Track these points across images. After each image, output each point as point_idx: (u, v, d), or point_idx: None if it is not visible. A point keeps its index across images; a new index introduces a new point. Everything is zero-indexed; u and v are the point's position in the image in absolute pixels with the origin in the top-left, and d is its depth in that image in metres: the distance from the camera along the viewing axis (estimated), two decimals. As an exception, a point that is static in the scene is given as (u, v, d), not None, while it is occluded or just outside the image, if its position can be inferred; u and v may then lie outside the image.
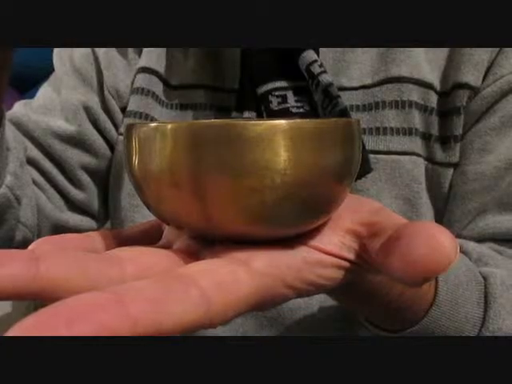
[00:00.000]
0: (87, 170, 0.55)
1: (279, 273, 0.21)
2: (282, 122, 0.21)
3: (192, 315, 0.17)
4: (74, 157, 0.54)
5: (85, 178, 0.55)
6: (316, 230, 0.23)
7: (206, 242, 0.23)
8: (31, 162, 0.53)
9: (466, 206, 0.46)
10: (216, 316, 0.18)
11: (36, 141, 0.53)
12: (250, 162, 0.21)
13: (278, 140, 0.21)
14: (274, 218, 0.22)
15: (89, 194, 0.56)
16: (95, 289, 0.18)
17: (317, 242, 0.23)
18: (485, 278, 0.37)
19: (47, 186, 0.54)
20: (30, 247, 0.24)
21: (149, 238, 0.28)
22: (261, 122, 0.21)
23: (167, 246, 0.25)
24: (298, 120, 0.22)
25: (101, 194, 0.58)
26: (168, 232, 0.27)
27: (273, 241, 0.23)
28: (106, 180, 0.57)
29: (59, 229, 0.55)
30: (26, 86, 1.50)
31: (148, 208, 0.24)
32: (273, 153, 0.21)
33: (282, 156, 0.21)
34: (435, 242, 0.19)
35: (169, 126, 0.21)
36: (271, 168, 0.21)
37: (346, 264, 0.23)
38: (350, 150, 0.23)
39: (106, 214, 0.59)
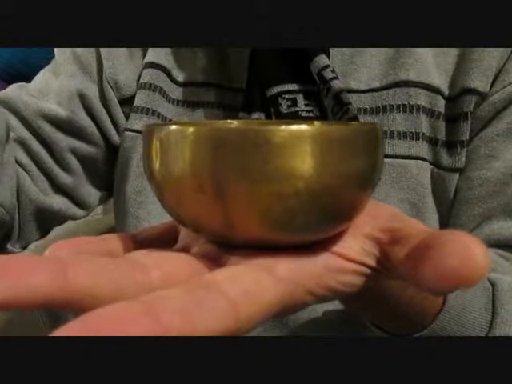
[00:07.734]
0: (76, 154, 0.55)
1: (302, 279, 0.21)
2: (308, 127, 0.21)
3: (222, 325, 0.17)
4: (64, 140, 0.54)
5: (74, 162, 0.55)
6: (337, 236, 0.23)
7: (226, 247, 0.23)
8: (19, 141, 0.52)
9: (471, 212, 0.46)
10: (243, 325, 0.18)
11: (25, 121, 0.53)
12: (274, 168, 0.20)
13: (303, 146, 0.20)
14: (297, 224, 0.22)
15: (76, 179, 0.56)
16: (122, 296, 0.18)
17: (338, 248, 0.23)
18: (492, 285, 0.38)
19: (33, 167, 0.53)
20: (48, 252, 0.23)
21: (164, 240, 0.27)
22: (286, 127, 0.21)
23: (185, 250, 0.25)
24: (324, 125, 0.21)
25: (89, 181, 0.57)
26: (184, 235, 0.26)
27: (294, 247, 0.22)
28: (95, 167, 0.57)
29: (42, 212, 0.54)
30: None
31: (167, 210, 0.24)
32: (298, 159, 0.20)
33: (307, 162, 0.21)
34: (469, 253, 0.19)
35: (192, 129, 0.21)
36: (296, 174, 0.20)
37: (367, 270, 0.23)
38: (374, 155, 0.23)
39: (91, 202, 0.59)
